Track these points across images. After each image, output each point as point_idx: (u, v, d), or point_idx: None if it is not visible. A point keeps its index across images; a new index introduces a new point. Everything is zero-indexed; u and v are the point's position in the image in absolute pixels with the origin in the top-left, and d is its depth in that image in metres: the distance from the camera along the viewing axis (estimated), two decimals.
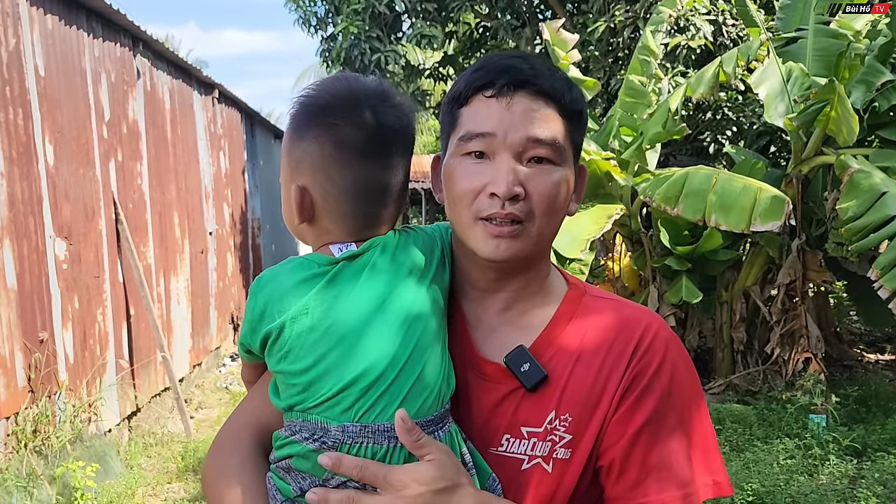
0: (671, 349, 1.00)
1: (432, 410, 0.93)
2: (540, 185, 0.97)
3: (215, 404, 7.06)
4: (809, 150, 5.82)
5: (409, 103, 1.05)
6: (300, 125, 0.99)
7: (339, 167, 0.97)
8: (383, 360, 0.91)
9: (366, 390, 0.91)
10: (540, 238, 0.99)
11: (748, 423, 5.45)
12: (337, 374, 0.91)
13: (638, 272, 7.00)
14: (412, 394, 0.92)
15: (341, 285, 0.95)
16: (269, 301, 0.96)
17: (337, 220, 1.00)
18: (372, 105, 0.98)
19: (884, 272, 4.60)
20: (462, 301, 1.07)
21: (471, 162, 0.98)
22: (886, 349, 8.25)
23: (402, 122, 1.01)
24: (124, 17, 5.64)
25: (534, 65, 0.99)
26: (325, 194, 0.99)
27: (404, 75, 10.18)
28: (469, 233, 0.98)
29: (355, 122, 0.97)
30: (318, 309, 0.93)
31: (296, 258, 0.99)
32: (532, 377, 0.98)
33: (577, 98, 1.01)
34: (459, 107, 1.00)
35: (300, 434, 0.94)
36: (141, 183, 6.24)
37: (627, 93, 6.14)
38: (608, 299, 1.08)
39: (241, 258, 9.82)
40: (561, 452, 0.97)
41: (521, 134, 0.95)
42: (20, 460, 4.07)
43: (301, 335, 0.93)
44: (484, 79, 0.98)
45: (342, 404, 0.91)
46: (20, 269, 4.31)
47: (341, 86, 1.01)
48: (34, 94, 4.55)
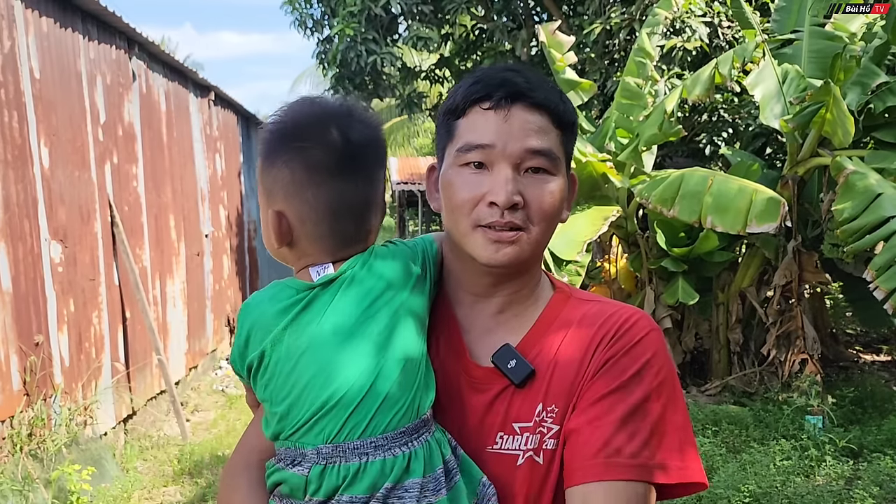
0: (651, 337, 1.01)
1: (405, 422, 0.95)
2: (537, 194, 1.00)
3: (211, 407, 7.05)
4: (805, 152, 5.83)
5: (374, 117, 1.06)
6: (270, 152, 1.00)
7: (313, 189, 0.98)
8: (350, 382, 0.93)
9: (335, 413, 0.93)
10: (536, 245, 1.03)
11: (744, 425, 5.45)
12: (309, 400, 0.94)
13: (634, 274, 7.01)
14: (382, 409, 0.93)
15: (315, 311, 0.97)
16: (252, 329, 0.99)
17: (315, 241, 1.01)
18: (338, 123, 0.99)
19: (879, 273, 4.61)
20: (455, 307, 1.10)
21: (469, 172, 1.01)
22: (882, 350, 8.27)
23: (371, 135, 1.02)
24: (120, 19, 5.64)
25: (529, 78, 1.02)
26: (302, 217, 1.00)
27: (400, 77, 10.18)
28: (468, 239, 1.01)
29: (322, 142, 0.98)
30: (291, 337, 0.96)
31: (279, 283, 1.01)
32: (519, 373, 1.01)
33: (569, 109, 1.05)
34: (456, 118, 1.03)
35: (283, 461, 0.97)
36: (137, 185, 6.23)
37: (623, 95, 6.15)
38: (593, 301, 1.10)
39: (238, 261, 9.80)
40: (550, 443, 0.99)
41: (519, 145, 0.99)
42: (15, 464, 4.06)
43: (278, 364, 0.96)
44: (481, 91, 1.00)
45: (315, 429, 0.94)
46: (15, 272, 4.30)
47: (305, 108, 1.02)
48: (29, 96, 4.53)
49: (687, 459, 0.97)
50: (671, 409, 0.98)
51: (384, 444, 0.93)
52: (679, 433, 0.98)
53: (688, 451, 0.98)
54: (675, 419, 0.98)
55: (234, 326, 9.41)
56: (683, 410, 1.00)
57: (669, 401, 0.98)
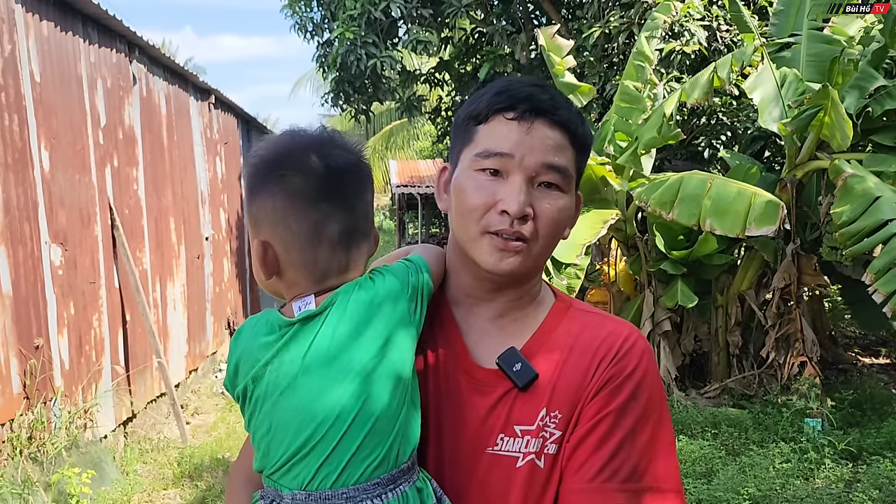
0: (645, 359, 1.05)
1: (380, 473, 0.93)
2: (547, 209, 1.02)
3: (211, 410, 7.05)
4: (803, 155, 5.84)
5: (355, 142, 1.05)
6: (253, 184, 1.01)
7: (295, 216, 0.98)
8: (324, 430, 0.92)
9: (309, 460, 0.93)
10: (539, 257, 1.05)
11: (744, 427, 5.46)
12: (286, 442, 0.94)
13: (633, 276, 7.02)
14: (354, 460, 0.92)
15: (294, 350, 0.96)
16: (241, 359, 1.00)
17: (301, 269, 1.00)
18: (317, 150, 1.00)
19: (878, 276, 4.62)
20: (455, 309, 1.11)
21: (485, 178, 1.02)
22: (881, 353, 8.28)
23: (351, 159, 1.02)
24: (120, 22, 5.65)
25: (554, 96, 1.04)
26: (286, 246, 0.99)
27: (400, 80, 10.19)
28: (474, 244, 1.03)
29: (302, 169, 0.98)
30: (272, 374, 0.96)
31: (269, 312, 1.02)
32: (524, 376, 1.03)
33: (587, 133, 1.07)
34: (477, 124, 1.04)
35: (265, 499, 0.98)
36: (137, 188, 6.24)
37: (622, 98, 6.16)
38: (593, 312, 1.13)
39: (238, 263, 9.80)
40: (552, 448, 1.01)
41: (537, 159, 1.01)
42: (15, 467, 4.06)
43: (258, 401, 0.98)
44: (506, 102, 1.02)
45: (291, 472, 0.94)
46: (15, 276, 4.30)
47: (285, 139, 1.03)
48: (30, 99, 4.54)
49: (671, 482, 1.02)
50: (660, 428, 1.03)
51: (355, 495, 0.92)
52: (666, 455, 1.03)
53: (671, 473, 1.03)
54: (663, 439, 1.03)
55: (233, 329, 9.42)
56: (669, 425, 1.06)
57: (659, 419, 1.03)
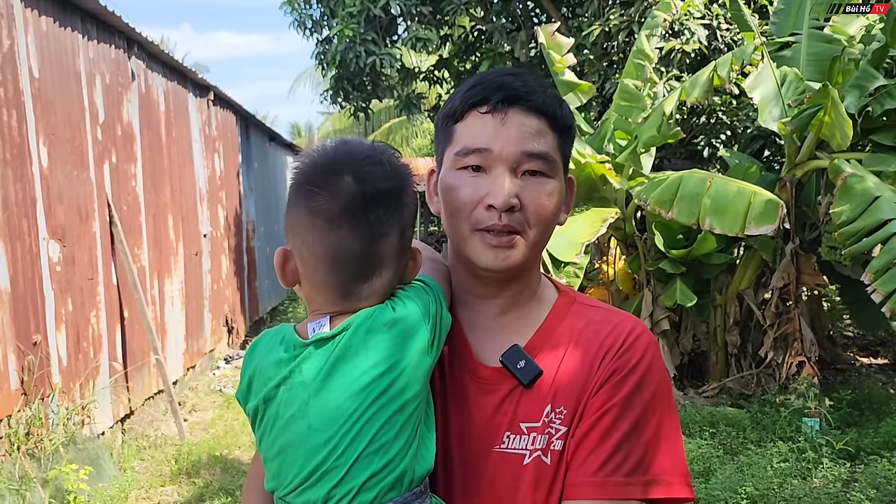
0: (650, 351, 1.04)
1: (394, 495, 0.93)
2: (534, 197, 1.01)
3: (209, 407, 7.04)
4: (803, 155, 5.84)
5: (402, 168, 1.00)
6: (291, 191, 0.99)
7: (314, 235, 0.95)
8: (337, 453, 0.92)
9: (319, 487, 0.92)
10: (533, 248, 1.04)
11: (742, 427, 5.46)
12: (296, 468, 0.94)
13: (632, 275, 7.01)
14: (368, 484, 0.91)
15: (307, 372, 0.94)
16: (255, 374, 0.99)
17: (316, 287, 0.98)
18: (354, 170, 0.94)
19: (877, 276, 4.62)
20: (458, 308, 1.10)
21: (468, 175, 1.01)
22: (880, 353, 8.28)
23: (388, 186, 0.96)
24: (119, 18, 5.63)
25: (526, 82, 1.02)
26: (303, 260, 0.97)
27: (399, 78, 10.17)
28: (467, 244, 1.02)
29: (330, 189, 0.94)
30: (283, 395, 0.95)
31: (285, 329, 1.00)
32: (528, 373, 1.02)
33: (567, 113, 1.06)
34: (454, 122, 1.04)
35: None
36: (135, 185, 6.23)
37: (622, 96, 6.15)
38: (597, 306, 1.12)
39: (236, 260, 9.79)
40: (557, 444, 1.00)
41: (515, 148, 1.00)
42: (13, 463, 4.05)
43: (269, 422, 0.96)
44: (479, 95, 1.01)
45: (303, 496, 0.93)
46: (13, 272, 4.29)
47: (329, 151, 0.98)
48: (28, 95, 4.53)
49: (677, 474, 1.00)
50: (666, 420, 1.02)
51: None
52: (671, 447, 1.01)
53: (678, 465, 1.01)
54: (669, 432, 1.02)
55: (231, 326, 9.41)
56: (675, 417, 1.04)
57: (665, 411, 1.02)
